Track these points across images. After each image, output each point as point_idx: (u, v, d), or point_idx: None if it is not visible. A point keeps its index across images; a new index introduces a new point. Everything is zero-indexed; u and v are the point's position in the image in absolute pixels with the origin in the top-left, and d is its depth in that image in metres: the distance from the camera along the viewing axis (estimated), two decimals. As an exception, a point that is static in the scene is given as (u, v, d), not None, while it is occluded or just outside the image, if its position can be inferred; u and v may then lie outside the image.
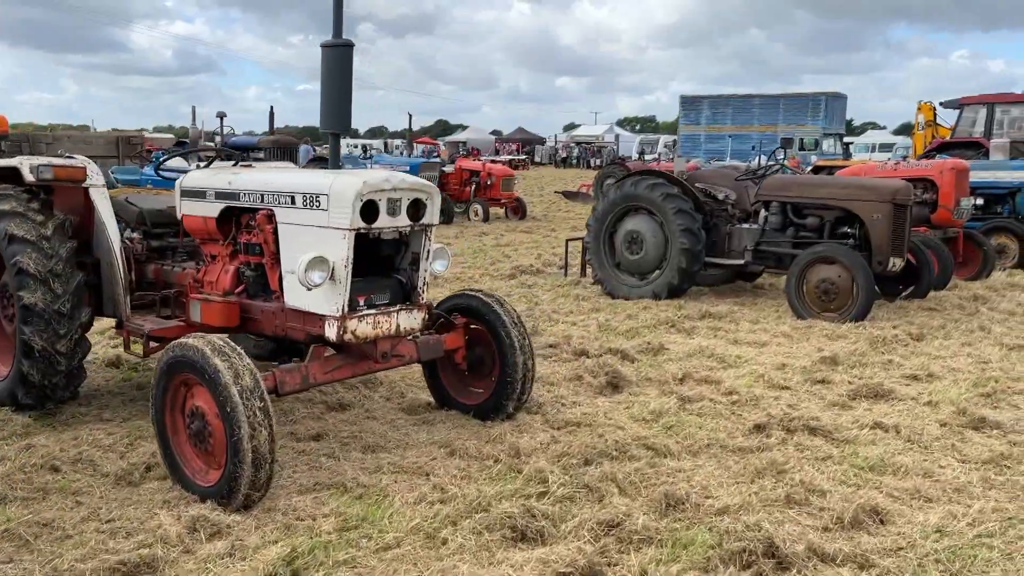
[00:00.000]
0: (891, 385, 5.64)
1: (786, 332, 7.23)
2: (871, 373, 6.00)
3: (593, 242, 9.26)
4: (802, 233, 8.45)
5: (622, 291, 8.95)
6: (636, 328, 7.36)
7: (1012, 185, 11.87)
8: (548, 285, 9.78)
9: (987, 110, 20.04)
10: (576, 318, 7.86)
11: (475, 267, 11.28)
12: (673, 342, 6.88)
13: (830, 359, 6.24)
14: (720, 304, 8.52)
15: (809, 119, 40.61)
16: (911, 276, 8.65)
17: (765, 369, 6.03)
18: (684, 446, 4.45)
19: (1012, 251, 11.35)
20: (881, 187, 7.96)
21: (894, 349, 6.70)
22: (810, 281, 7.79)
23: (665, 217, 8.65)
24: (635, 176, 9.05)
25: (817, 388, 5.63)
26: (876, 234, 7.89)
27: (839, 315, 7.61)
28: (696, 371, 5.90)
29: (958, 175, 9.87)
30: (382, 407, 5.13)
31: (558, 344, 6.62)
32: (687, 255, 8.52)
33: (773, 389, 5.58)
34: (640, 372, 5.90)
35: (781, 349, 6.69)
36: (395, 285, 4.35)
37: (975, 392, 5.51)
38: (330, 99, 4.38)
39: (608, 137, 75.15)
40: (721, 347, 6.75)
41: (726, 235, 8.92)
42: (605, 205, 9.16)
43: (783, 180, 8.59)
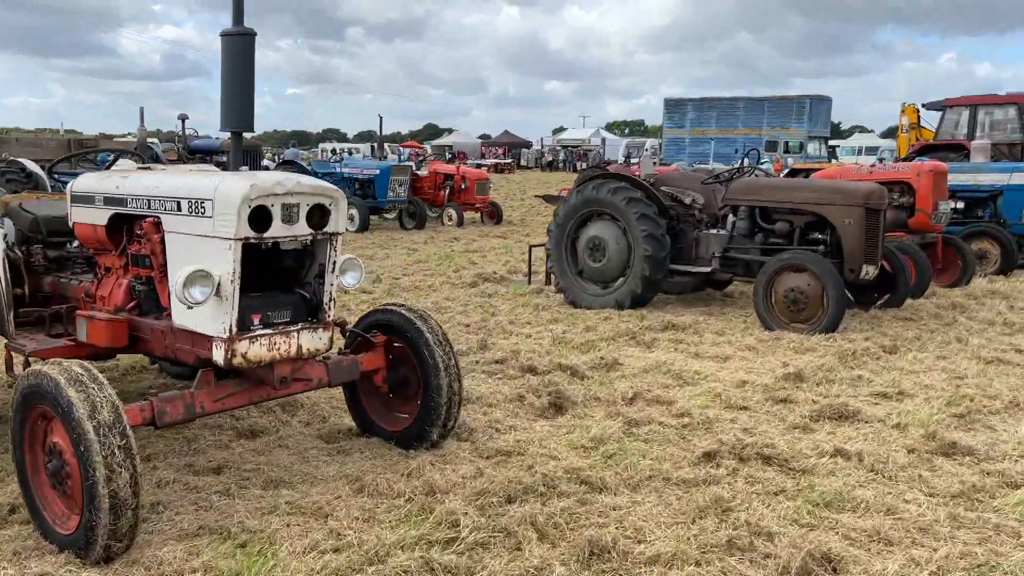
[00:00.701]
0: (858, 405, 5.22)
1: (751, 345, 6.80)
2: (838, 391, 5.58)
3: (555, 249, 8.82)
4: (771, 239, 8.03)
5: (585, 300, 8.51)
6: (593, 341, 6.91)
7: (993, 188, 11.52)
8: (510, 294, 9.33)
9: (970, 112, 19.75)
10: (532, 330, 7.41)
11: (437, 274, 10.83)
12: (630, 356, 6.44)
13: (795, 375, 5.82)
14: (685, 314, 8.09)
15: (794, 122, 40.42)
16: (887, 284, 8.24)
17: (724, 387, 5.59)
18: (623, 479, 4.00)
19: (993, 256, 10.99)
20: (853, 190, 7.55)
21: (864, 363, 6.28)
22: (778, 290, 7.37)
23: (628, 222, 8.22)
24: (597, 179, 8.62)
25: (778, 408, 5.20)
26: (848, 240, 7.47)
27: (809, 326, 7.19)
28: (649, 390, 5.46)
29: (936, 178, 9.49)
30: (298, 434, 4.67)
31: (506, 360, 6.16)
32: (650, 262, 8.09)
33: (730, 410, 5.15)
34: (589, 391, 5.46)
35: (744, 364, 6.26)
36: (298, 301, 3.90)
37: (948, 412, 5.10)
38: (231, 94, 3.92)
39: (595, 141, 74.96)
40: (680, 362, 6.31)
41: (693, 241, 8.50)
42: (566, 210, 8.73)
43: (751, 183, 8.18)
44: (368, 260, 12.33)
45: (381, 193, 17.33)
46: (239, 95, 3.94)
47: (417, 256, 12.91)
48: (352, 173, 17.78)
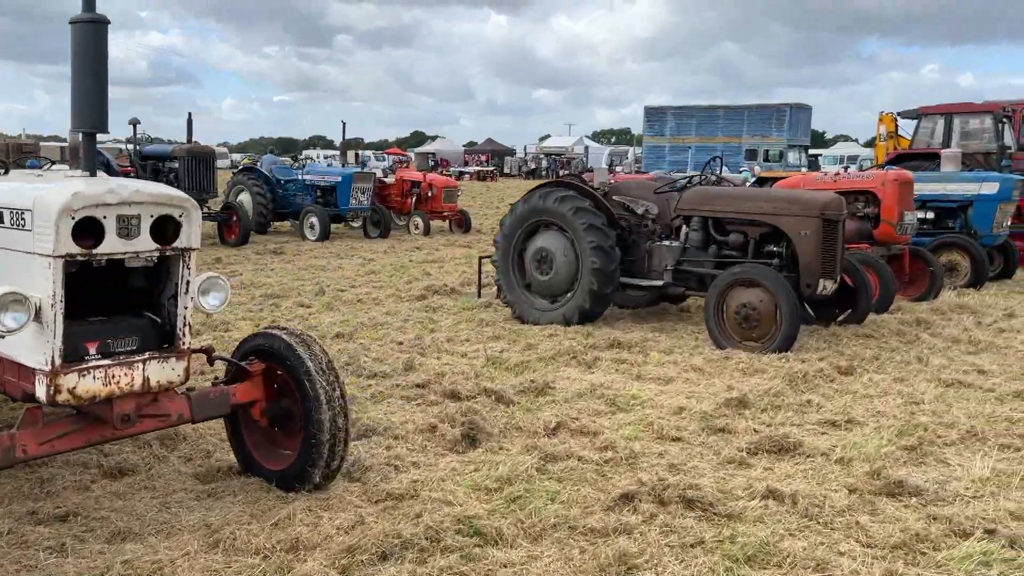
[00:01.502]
0: (801, 436, 4.77)
1: (698, 365, 6.36)
2: (782, 419, 5.14)
3: (501, 261, 8.36)
4: (725, 251, 7.60)
5: (532, 315, 8.05)
6: (529, 361, 6.45)
7: (963, 198, 11.16)
8: (456, 308, 8.85)
9: (945, 121, 19.47)
10: (469, 348, 6.94)
11: (387, 286, 10.33)
12: (566, 378, 5.98)
13: (738, 401, 5.37)
14: (635, 330, 7.64)
15: (774, 130, 40.20)
16: (848, 299, 7.83)
17: (659, 415, 5.14)
18: (523, 528, 3.53)
19: (963, 269, 10.62)
20: (809, 200, 7.13)
21: (816, 387, 5.84)
22: (730, 306, 6.93)
23: (575, 233, 7.77)
24: (545, 188, 8.17)
25: (713, 440, 4.74)
26: (804, 253, 7.05)
27: (762, 345, 6.76)
28: (576, 418, 4.99)
29: (901, 187, 9.11)
30: (171, 472, 4.16)
31: (428, 383, 5.68)
32: (598, 276, 7.63)
33: (660, 442, 4.69)
34: (511, 420, 4.98)
35: (686, 387, 5.81)
36: (147, 327, 3.41)
37: (898, 444, 4.66)
38: (83, 90, 3.42)
39: (578, 149, 74.80)
40: (619, 384, 5.86)
41: (646, 253, 8.06)
42: (513, 220, 8.27)
43: (703, 193, 7.75)
44: (320, 271, 11.84)
45: (343, 201, 16.83)
46: (91, 91, 3.44)
47: (372, 266, 12.41)
48: (313, 180, 17.27)
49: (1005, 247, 11.62)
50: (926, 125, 20.08)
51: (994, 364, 6.55)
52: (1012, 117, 19.56)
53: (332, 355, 6.43)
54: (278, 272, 11.58)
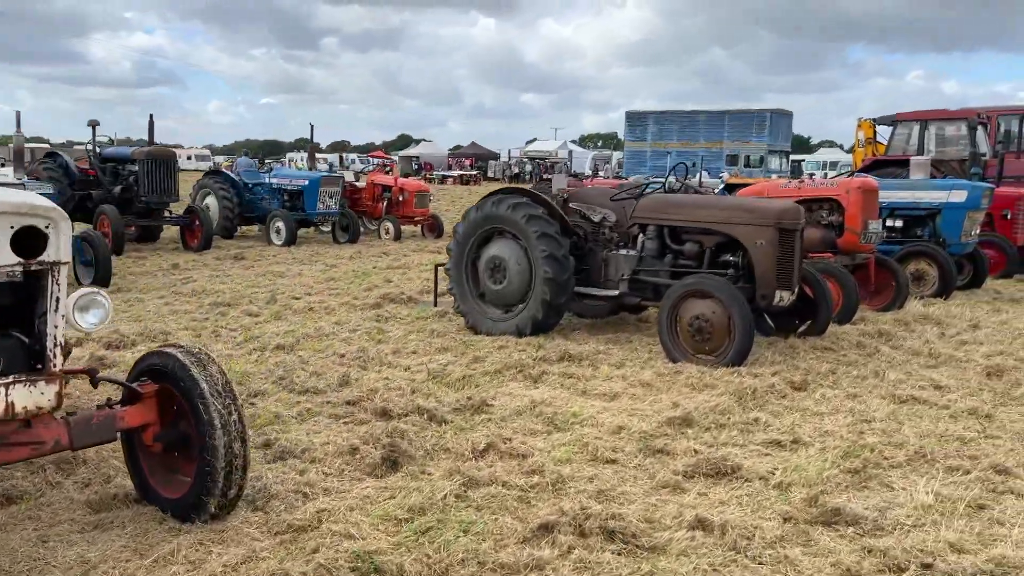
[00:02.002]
0: (742, 458, 4.55)
1: (647, 380, 6.13)
2: (726, 439, 4.91)
3: (454, 269, 8.11)
4: (681, 261, 7.39)
5: (485, 325, 7.80)
6: (472, 376, 6.20)
7: (932, 206, 11.01)
8: (410, 318, 8.60)
9: (920, 127, 19.42)
10: (414, 361, 6.69)
11: (344, 294, 10.06)
12: (507, 394, 5.74)
13: (682, 419, 5.14)
14: (589, 342, 7.42)
15: (754, 136, 40.23)
16: (808, 310, 7.64)
17: (598, 434, 4.90)
18: (428, 563, 3.28)
19: (931, 278, 10.44)
20: (764, 209, 6.93)
21: (765, 403, 5.63)
22: (683, 318, 6.72)
23: (528, 242, 7.54)
24: (498, 195, 7.93)
25: (650, 462, 4.51)
26: (759, 263, 6.85)
27: (715, 358, 6.54)
28: (509, 438, 4.75)
29: (865, 195, 8.94)
30: (62, 500, 3.89)
31: (360, 400, 5.42)
32: (552, 286, 7.40)
33: (593, 464, 4.45)
34: (439, 441, 4.74)
35: (631, 404, 5.58)
36: (14, 347, 3.15)
37: (842, 467, 4.45)
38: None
39: (562, 153, 74.78)
40: (561, 401, 5.62)
41: (602, 262, 7.84)
42: (466, 227, 8.02)
43: (659, 200, 7.53)
44: (278, 277, 11.55)
45: (310, 205, 16.55)
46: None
47: (333, 273, 12.14)
48: (280, 184, 16.98)
49: (974, 256, 11.47)
50: (901, 131, 20.05)
51: (952, 379, 6.36)
52: (987, 124, 19.54)
53: (270, 367, 6.23)
54: (234, 279, 11.28)
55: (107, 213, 13.40)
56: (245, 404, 5.39)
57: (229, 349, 6.97)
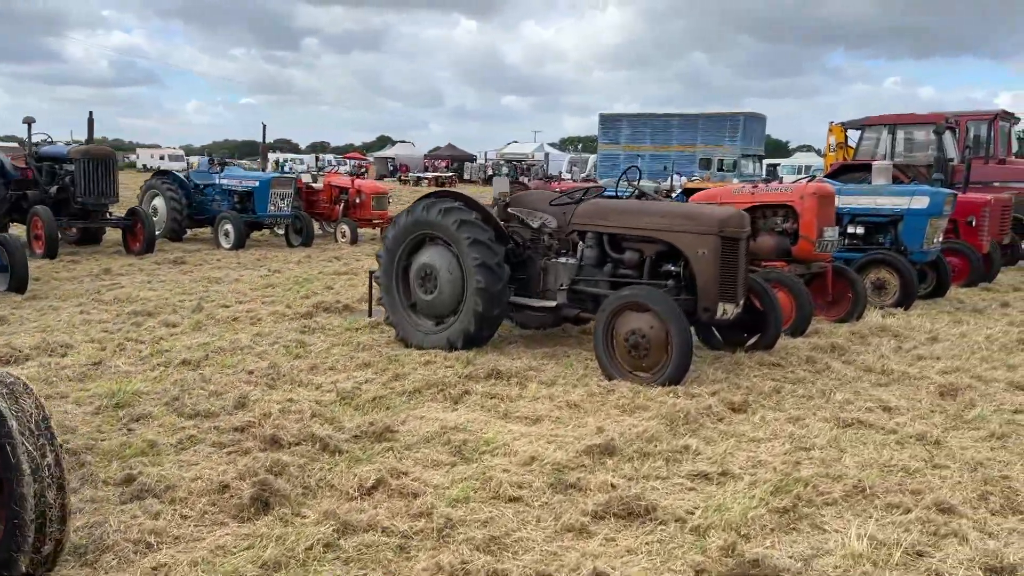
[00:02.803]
0: (662, 494, 4.10)
1: (575, 401, 5.67)
2: (648, 470, 4.45)
3: (384, 278, 7.61)
4: (620, 270, 6.94)
5: (416, 338, 7.31)
6: (386, 396, 5.70)
7: (894, 212, 10.65)
8: (339, 329, 8.08)
9: (888, 131, 19.17)
10: (329, 378, 6.18)
11: (278, 302, 9.52)
12: (419, 418, 5.24)
13: (603, 448, 4.67)
14: (524, 356, 6.94)
15: (727, 139, 39.99)
16: (758, 322, 7.22)
17: (507, 465, 4.42)
18: (265, 636, 2.78)
19: (892, 287, 10.07)
20: (707, 216, 6.48)
21: (699, 428, 5.18)
22: (619, 332, 6.26)
23: (459, 249, 7.05)
24: (429, 198, 7.44)
25: (558, 500, 4.04)
26: (701, 273, 6.41)
27: (652, 375, 6.09)
28: (405, 472, 4.26)
29: (821, 201, 8.54)
30: None
31: (249, 426, 4.90)
32: (484, 296, 6.92)
33: (494, 503, 3.97)
34: (326, 475, 4.23)
35: (553, 429, 5.11)
36: None
37: (771, 504, 3.99)
38: None
39: (538, 155, 74.46)
40: (478, 425, 5.14)
41: (541, 271, 7.37)
42: (396, 233, 7.52)
43: (598, 206, 7.07)
44: (215, 283, 10.99)
45: (261, 207, 15.98)
46: None
47: (274, 279, 11.58)
48: (230, 185, 16.39)
49: (937, 264, 11.13)
50: (870, 136, 19.81)
51: (903, 399, 5.95)
52: (956, 129, 19.33)
53: (167, 387, 5.64)
54: (167, 285, 10.70)
55: (39, 214, 12.76)
56: (123, 430, 4.87)
57: (129, 365, 6.42)
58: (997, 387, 6.36)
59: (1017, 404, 5.86)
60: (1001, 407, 5.80)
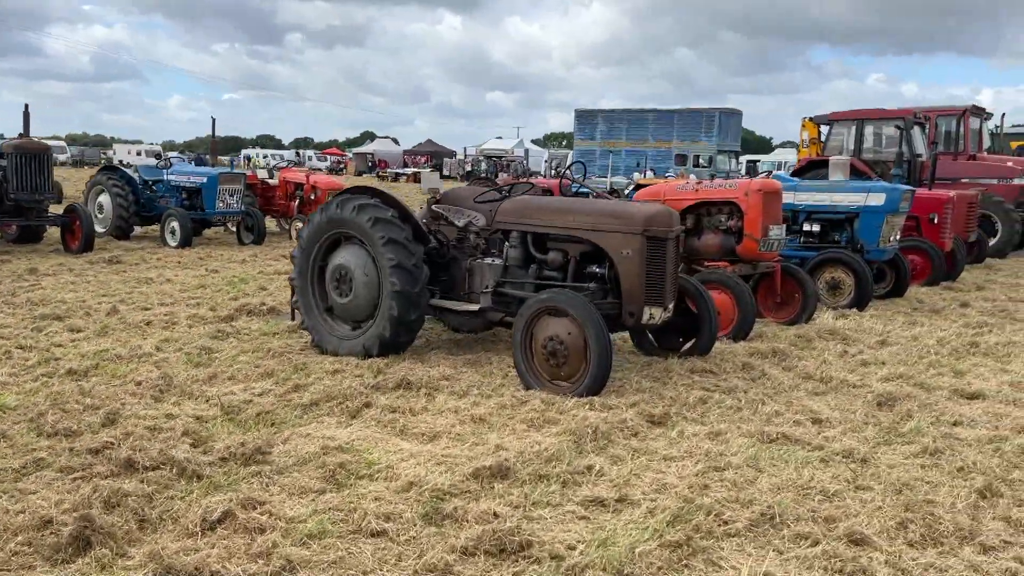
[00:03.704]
0: (548, 525, 3.68)
1: (482, 415, 5.23)
2: (540, 495, 4.03)
3: (299, 279, 7.14)
4: (545, 272, 6.52)
5: (331, 343, 6.85)
6: (275, 411, 5.24)
7: (850, 210, 10.30)
8: (256, 333, 7.60)
9: (856, 127, 18.85)
10: (224, 389, 5.71)
11: (202, 304, 9.02)
12: (304, 436, 4.79)
13: (495, 470, 4.24)
14: (443, 363, 6.50)
15: (703, 135, 39.68)
16: (694, 326, 6.82)
17: (381, 492, 3.99)
18: None
19: (847, 287, 9.71)
20: (631, 215, 6.06)
21: (608, 445, 4.76)
22: (537, 338, 5.84)
23: (374, 249, 6.60)
24: (345, 195, 6.99)
25: (428, 534, 3.60)
26: (625, 275, 6.00)
27: (571, 385, 5.68)
28: (261, 502, 3.80)
29: (766, 198, 8.14)
30: None
31: (107, 448, 4.43)
32: (400, 299, 6.47)
33: (353, 538, 3.53)
34: (171, 506, 3.78)
35: (448, 447, 4.67)
36: None
37: (665, 538, 3.58)
38: None
39: (518, 151, 74.07)
40: (368, 444, 4.70)
41: (466, 272, 6.93)
42: (310, 232, 7.06)
43: (522, 203, 6.63)
44: (144, 284, 10.47)
45: (209, 204, 15.43)
46: None
47: (209, 279, 11.07)
48: (178, 181, 15.83)
49: (896, 262, 10.79)
50: (838, 131, 19.48)
51: (837, 410, 5.56)
52: (924, 124, 19.03)
53: (39, 400, 5.16)
54: (92, 285, 10.18)
55: (-34, 212, 12.19)
56: (-33, 452, 4.38)
57: (9, 375, 5.92)
58: (940, 395, 5.99)
59: (958, 415, 5.48)
60: (940, 418, 5.42)
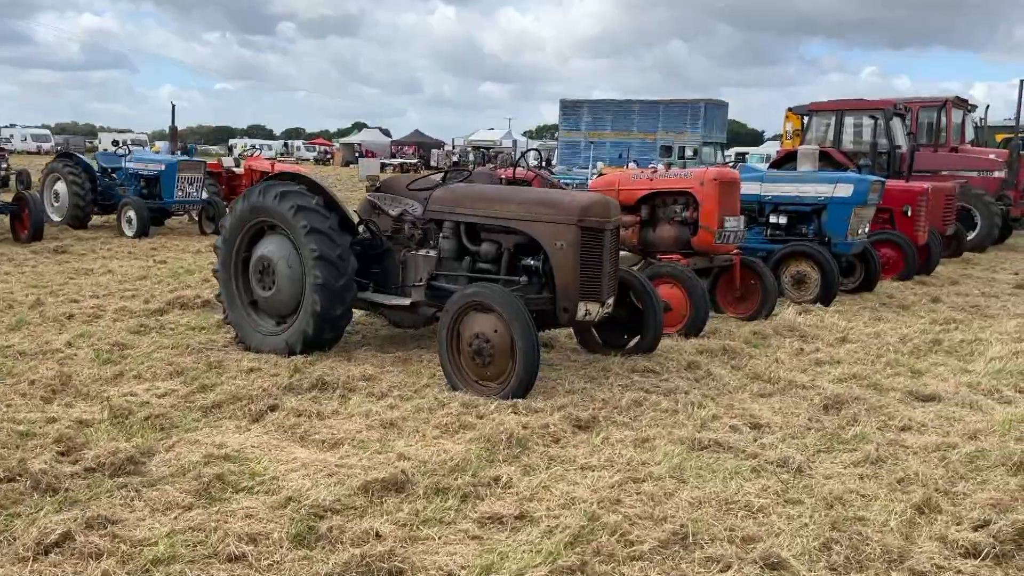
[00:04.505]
0: (426, 548, 3.30)
1: (395, 419, 4.85)
2: (434, 511, 3.65)
3: (223, 271, 6.74)
4: (479, 264, 6.13)
5: (255, 339, 6.45)
6: (171, 413, 4.85)
7: (817, 201, 9.92)
8: (182, 328, 7.20)
9: (836, 118, 18.48)
10: (125, 389, 5.32)
11: (137, 297, 8.59)
12: (192, 443, 4.40)
13: (389, 483, 3.86)
14: (370, 361, 6.11)
15: (688, 127, 39.28)
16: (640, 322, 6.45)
17: (255, 508, 3.60)
18: None
19: (812, 282, 9.33)
20: (566, 204, 5.66)
21: (524, 452, 4.38)
22: (463, 336, 5.45)
23: (296, 239, 6.20)
24: (269, 181, 6.58)
25: (292, 559, 3.21)
26: (560, 269, 5.61)
27: (498, 386, 5.30)
28: (113, 521, 3.41)
29: (722, 188, 7.76)
30: None
31: (-36, 456, 4.04)
32: (324, 294, 6.07)
33: (204, 566, 3.13)
34: (8, 526, 3.38)
35: (346, 456, 4.28)
36: None
37: (559, 562, 3.20)
38: None
39: (506, 142, 73.61)
40: (261, 452, 4.31)
41: (400, 264, 6.54)
42: (233, 221, 6.65)
43: (454, 192, 6.23)
44: (84, 275, 10.05)
45: (168, 192, 14.97)
46: None
47: (154, 270, 10.64)
48: (136, 169, 15.36)
49: (866, 256, 10.44)
50: (819, 122, 19.12)
51: (779, 414, 5.20)
52: (905, 116, 18.69)
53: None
54: (27, 277, 9.74)
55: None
56: None
57: None
58: (892, 398, 5.64)
59: (907, 419, 5.12)
60: (888, 423, 5.07)
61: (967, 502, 3.91)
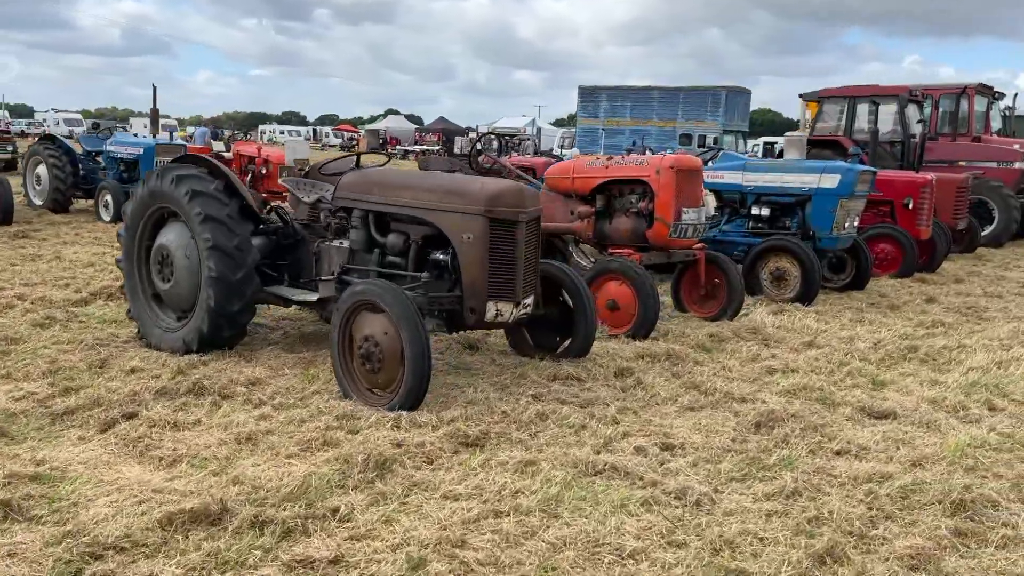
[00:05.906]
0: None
1: (257, 432, 4.30)
2: (236, 552, 3.10)
3: (126, 261, 6.25)
4: (388, 257, 5.56)
5: (155, 335, 5.97)
6: (13, 422, 4.36)
7: (801, 192, 9.21)
8: (94, 320, 6.74)
9: (848, 104, 17.58)
10: (22, 388, 4.85)
11: (71, 285, 8.16)
12: (9, 456, 3.90)
13: (198, 513, 3.32)
14: (268, 362, 5.58)
15: (709, 115, 38.18)
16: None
17: (19, 546, 3.08)
18: None
19: (793, 278, 8.64)
20: (473, 193, 5.06)
21: (379, 478, 3.80)
22: (355, 338, 4.90)
23: (192, 227, 5.69)
24: (171, 165, 6.07)
25: (32, 611, 2.70)
26: (467, 264, 5.02)
27: (388, 395, 4.74)
28: None
29: (680, 176, 7.08)
30: None
31: None
32: (219, 288, 5.55)
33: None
34: None
35: (175, 479, 3.75)
36: None
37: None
38: None
39: (530, 130, 72.82)
40: (82, 469, 3.80)
41: (313, 256, 6.00)
42: (133, 207, 6.16)
43: (361, 178, 5.64)
44: (31, 260, 9.64)
45: (145, 177, 14.56)
46: None
47: (108, 256, 10.20)
48: (117, 152, 14.99)
49: (857, 251, 9.70)
50: (831, 109, 18.23)
51: (700, 432, 4.57)
52: (921, 103, 17.73)
53: None
54: (-30, 263, 9.37)
55: None
56: None
57: None
58: (840, 414, 4.98)
59: (846, 441, 4.47)
60: (823, 446, 4.43)
61: (882, 550, 3.28)
